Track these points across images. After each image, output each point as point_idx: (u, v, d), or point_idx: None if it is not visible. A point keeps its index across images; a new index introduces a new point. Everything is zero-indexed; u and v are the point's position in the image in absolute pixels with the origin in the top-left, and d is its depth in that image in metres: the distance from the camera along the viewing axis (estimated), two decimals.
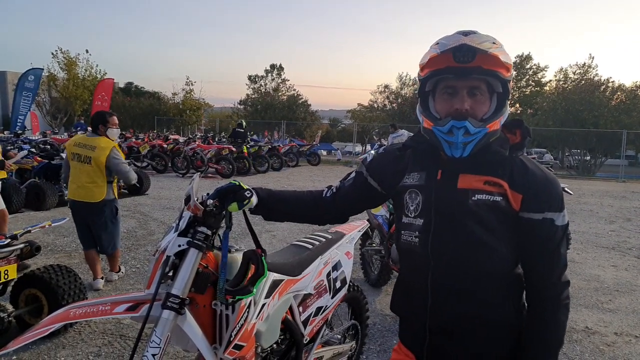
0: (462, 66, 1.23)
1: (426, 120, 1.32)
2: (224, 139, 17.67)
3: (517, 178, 1.28)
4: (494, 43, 1.24)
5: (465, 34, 1.25)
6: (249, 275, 1.69)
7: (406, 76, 35.99)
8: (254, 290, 1.68)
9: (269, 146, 17.32)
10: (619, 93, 26.14)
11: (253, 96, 39.35)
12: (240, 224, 1.83)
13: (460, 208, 1.29)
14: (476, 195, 1.28)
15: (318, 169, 18.32)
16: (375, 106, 39.08)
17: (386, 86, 37.83)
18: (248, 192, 1.58)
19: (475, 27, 1.31)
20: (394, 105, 36.50)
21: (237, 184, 1.60)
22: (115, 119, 4.59)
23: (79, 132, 17.84)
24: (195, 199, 1.66)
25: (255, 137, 22.51)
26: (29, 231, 3.50)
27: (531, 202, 1.27)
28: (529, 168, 1.31)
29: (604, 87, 26.08)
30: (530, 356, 1.32)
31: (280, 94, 39.16)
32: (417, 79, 1.38)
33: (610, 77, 27.76)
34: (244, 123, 17.18)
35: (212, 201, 1.65)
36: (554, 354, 1.31)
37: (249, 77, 39.83)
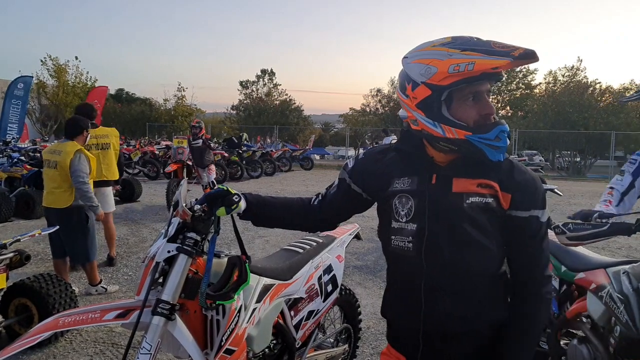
0: (495, 72, 1.22)
1: (455, 130, 1.26)
2: (217, 145, 17.64)
3: (506, 178, 1.32)
4: None
5: (478, 39, 1.26)
6: (232, 281, 1.69)
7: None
8: (235, 296, 1.68)
9: (262, 151, 17.30)
10: (607, 95, 26.50)
11: (245, 101, 39.36)
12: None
13: (456, 211, 1.30)
14: (470, 198, 1.30)
15: (311, 174, 18.33)
16: (368, 110, 39.25)
17: (378, 90, 38.05)
18: (236, 196, 1.58)
19: (468, 30, 1.32)
20: (386, 109, 36.66)
21: (225, 189, 1.61)
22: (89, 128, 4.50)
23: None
24: (184, 204, 1.66)
25: (247, 142, 22.53)
26: (19, 240, 3.47)
27: (519, 201, 1.31)
28: (515, 168, 1.34)
29: (592, 88, 26.42)
30: (510, 347, 1.34)
31: (272, 98, 39.18)
32: (416, 88, 1.30)
33: (597, 79, 28.10)
34: (245, 137, 17.09)
35: (199, 206, 1.65)
36: (533, 346, 1.36)
37: (241, 83, 39.82)
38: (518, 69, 35.62)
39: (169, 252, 1.68)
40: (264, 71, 39.55)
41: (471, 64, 1.19)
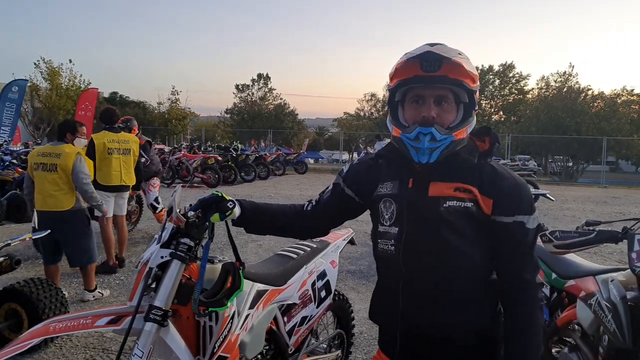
0: (429, 75, 1.27)
1: (395, 129, 1.36)
2: (210, 148, 17.62)
3: (487, 183, 1.32)
4: (459, 54, 1.29)
5: (432, 45, 1.30)
6: (226, 288, 1.68)
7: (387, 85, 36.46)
8: (229, 303, 1.68)
9: (256, 155, 17.29)
10: (598, 101, 26.78)
11: (240, 105, 39.35)
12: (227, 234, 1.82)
13: (432, 215, 1.31)
14: (447, 202, 1.31)
15: (305, 177, 18.32)
16: (362, 114, 39.43)
17: (373, 94, 38.25)
18: (230, 202, 1.58)
19: (460, 36, 1.37)
20: (380, 113, 36.83)
21: (220, 194, 1.60)
22: (84, 129, 4.49)
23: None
24: (178, 210, 1.65)
25: (242, 146, 22.55)
26: (9, 244, 3.43)
27: (501, 206, 1.31)
28: (498, 173, 1.34)
29: (583, 94, 26.70)
30: (512, 354, 1.31)
31: (267, 102, 39.22)
32: (387, 89, 1.42)
33: (589, 85, 28.38)
34: (239, 147, 17.15)
35: (193, 212, 1.65)
36: (536, 356, 1.32)
37: (236, 86, 39.86)
38: (511, 74, 36.08)
39: (162, 257, 1.67)
40: (259, 75, 39.63)
41: (394, 67, 1.33)
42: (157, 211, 6.93)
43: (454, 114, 1.34)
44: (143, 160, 6.22)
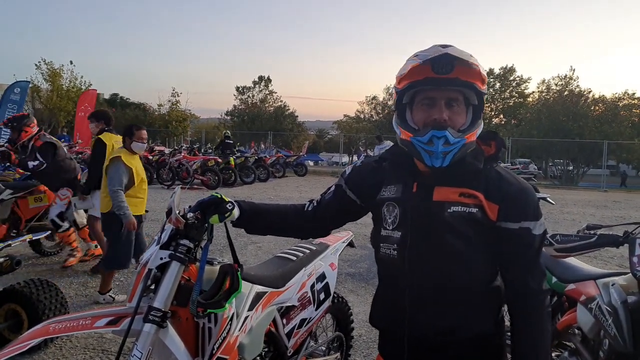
0: (440, 77, 1.24)
1: (404, 132, 1.32)
2: (210, 150, 17.63)
3: (492, 189, 1.30)
4: (471, 56, 1.27)
5: (444, 46, 1.27)
6: (224, 290, 1.68)
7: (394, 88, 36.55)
8: (227, 305, 1.68)
9: (256, 157, 17.30)
10: (600, 104, 26.79)
11: (240, 107, 39.43)
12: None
13: (436, 220, 1.30)
14: (452, 207, 1.29)
15: (305, 180, 18.33)
16: (362, 117, 39.49)
17: (374, 97, 38.31)
18: (230, 204, 1.58)
19: (460, 39, 1.34)
20: (380, 116, 36.87)
21: (219, 196, 1.61)
22: (142, 133, 4.41)
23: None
24: (177, 211, 1.66)
25: (241, 148, 22.54)
26: (10, 245, 3.44)
27: (507, 212, 1.29)
28: (503, 178, 1.33)
29: (584, 98, 26.72)
30: None
31: (267, 105, 39.28)
32: (394, 91, 1.38)
33: (589, 88, 28.30)
34: (229, 133, 17.15)
35: (192, 214, 1.65)
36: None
37: (237, 88, 39.95)
38: (511, 77, 36.10)
39: (161, 259, 1.68)
40: (261, 78, 39.71)
41: (406, 68, 1.29)
42: (60, 230, 5.37)
43: (464, 116, 1.31)
44: (36, 164, 5.11)
